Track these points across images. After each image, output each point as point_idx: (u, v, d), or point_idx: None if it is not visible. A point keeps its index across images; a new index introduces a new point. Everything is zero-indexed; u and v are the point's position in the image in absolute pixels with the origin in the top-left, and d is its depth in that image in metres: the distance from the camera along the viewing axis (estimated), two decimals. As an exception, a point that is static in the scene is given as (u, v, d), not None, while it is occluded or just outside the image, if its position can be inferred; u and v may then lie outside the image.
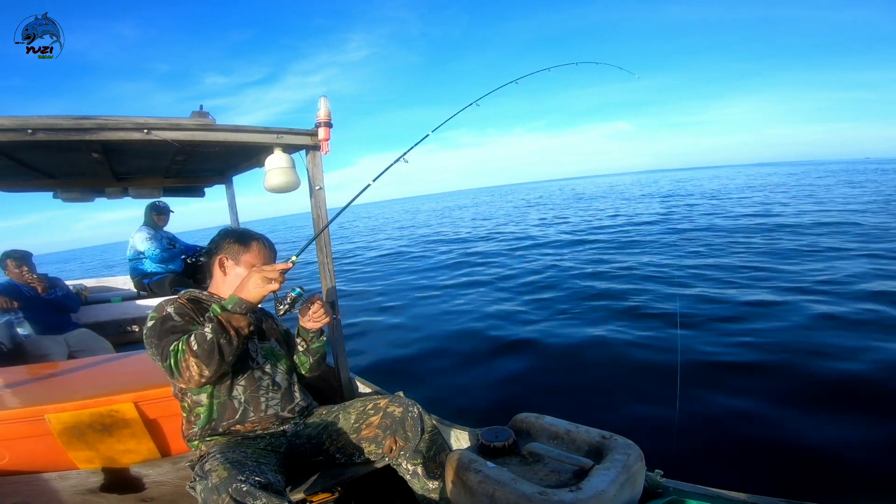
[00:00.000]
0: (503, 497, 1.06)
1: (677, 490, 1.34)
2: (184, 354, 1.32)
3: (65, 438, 1.82)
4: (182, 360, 1.32)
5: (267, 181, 2.17)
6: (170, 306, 1.52)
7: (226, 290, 1.64)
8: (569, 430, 1.26)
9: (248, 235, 1.69)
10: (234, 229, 1.74)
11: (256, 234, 1.72)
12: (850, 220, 9.82)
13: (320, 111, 2.08)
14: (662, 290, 5.72)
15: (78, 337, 3.53)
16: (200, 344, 1.32)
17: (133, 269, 4.34)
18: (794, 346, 3.67)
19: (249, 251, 1.65)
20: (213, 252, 1.68)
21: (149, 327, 1.46)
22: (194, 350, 1.31)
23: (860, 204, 13.00)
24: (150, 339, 1.43)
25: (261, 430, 1.58)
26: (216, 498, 1.17)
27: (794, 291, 5.11)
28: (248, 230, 1.73)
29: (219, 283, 1.68)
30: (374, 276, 9.36)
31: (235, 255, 1.65)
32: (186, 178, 3.70)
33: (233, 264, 1.65)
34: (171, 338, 1.38)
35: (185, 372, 1.32)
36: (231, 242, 1.66)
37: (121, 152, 2.53)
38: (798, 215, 11.41)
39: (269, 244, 1.72)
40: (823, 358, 3.38)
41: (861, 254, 6.66)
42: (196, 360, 1.31)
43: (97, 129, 1.78)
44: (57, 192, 3.38)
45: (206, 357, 1.31)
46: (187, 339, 1.34)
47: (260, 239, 1.69)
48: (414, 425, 1.61)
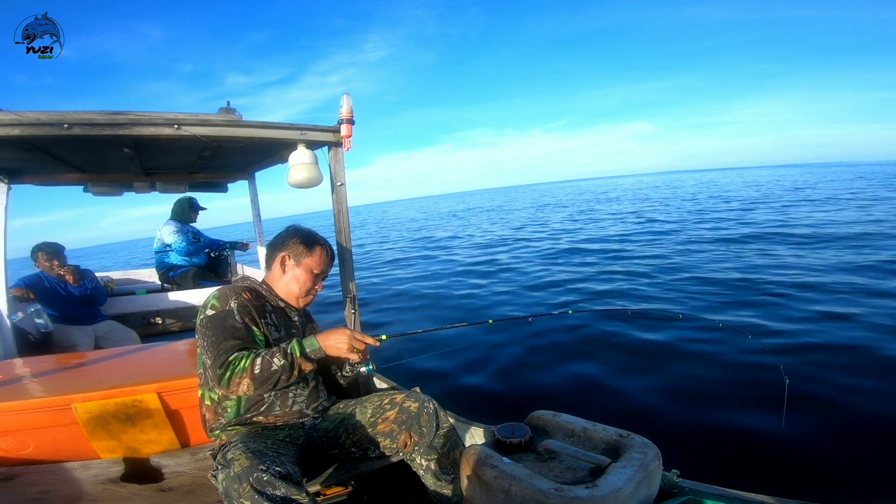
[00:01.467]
0: (519, 492, 1.05)
1: (693, 490, 1.32)
2: (242, 373, 1.36)
3: (89, 428, 1.85)
4: (237, 377, 1.35)
5: (291, 176, 2.20)
6: (233, 300, 1.55)
7: (281, 286, 1.70)
8: (585, 427, 1.25)
9: (314, 240, 1.72)
10: (302, 229, 1.76)
11: (321, 239, 1.75)
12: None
13: (343, 108, 2.11)
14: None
15: (105, 328, 3.63)
16: (263, 371, 1.36)
17: (159, 261, 4.46)
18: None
19: (312, 255, 1.69)
20: (277, 247, 1.72)
21: (208, 316, 1.49)
22: (255, 374, 1.36)
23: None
24: (206, 332, 1.46)
25: (282, 422, 1.60)
26: (237, 486, 1.20)
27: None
28: (315, 234, 1.76)
29: (276, 278, 1.72)
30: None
31: (298, 256, 1.69)
32: (211, 173, 3.78)
33: (293, 264, 1.69)
34: (231, 343, 1.41)
35: (234, 386, 1.36)
36: (297, 243, 1.70)
37: (150, 147, 2.60)
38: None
39: (331, 252, 1.76)
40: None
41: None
42: (251, 381, 1.36)
43: (130, 124, 1.84)
44: (87, 185, 3.47)
45: (261, 383, 1.37)
46: (252, 361, 1.37)
47: (324, 245, 1.73)
48: (429, 421, 1.62)
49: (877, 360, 3.35)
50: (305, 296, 1.72)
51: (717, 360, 3.60)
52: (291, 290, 1.70)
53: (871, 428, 2.56)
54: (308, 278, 1.70)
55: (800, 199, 17.21)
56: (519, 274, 7.99)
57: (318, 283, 1.75)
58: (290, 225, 1.79)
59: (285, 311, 1.72)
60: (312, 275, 1.70)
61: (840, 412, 2.71)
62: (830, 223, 10.38)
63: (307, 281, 1.70)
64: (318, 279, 1.74)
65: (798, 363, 3.31)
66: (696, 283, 6.01)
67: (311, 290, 1.72)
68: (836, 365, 3.32)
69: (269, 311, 1.64)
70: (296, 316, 1.75)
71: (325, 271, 1.74)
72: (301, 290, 1.70)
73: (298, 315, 1.76)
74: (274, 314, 1.66)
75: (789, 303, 4.79)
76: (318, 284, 1.74)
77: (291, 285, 1.70)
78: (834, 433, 2.51)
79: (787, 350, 3.59)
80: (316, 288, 1.74)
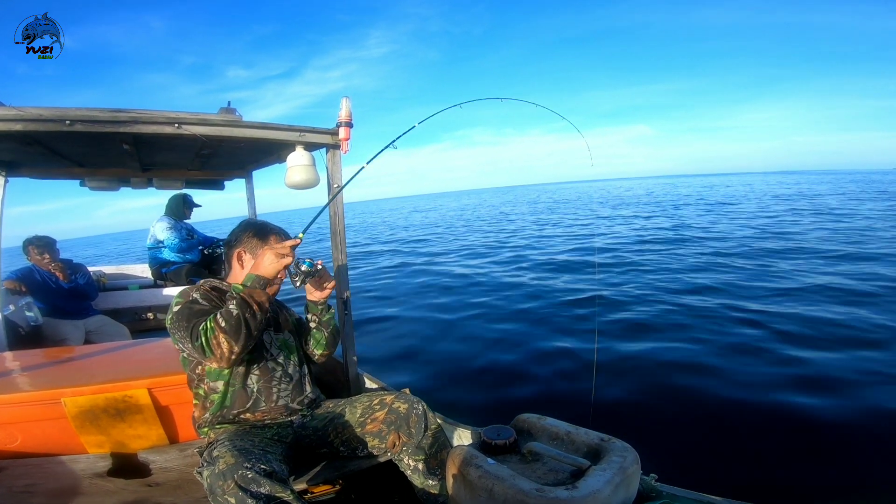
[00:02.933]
0: (501, 492, 1.09)
1: (670, 494, 1.36)
2: (213, 332, 1.37)
3: (78, 422, 1.85)
4: (213, 338, 1.37)
5: (288, 178, 2.23)
6: (195, 292, 1.58)
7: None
8: (569, 431, 1.28)
9: (267, 230, 1.74)
10: (253, 223, 1.79)
11: (274, 227, 1.77)
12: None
13: (342, 111, 2.14)
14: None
15: (96, 323, 3.63)
16: (227, 320, 1.38)
17: (152, 257, 4.45)
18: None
19: (267, 245, 1.69)
20: (232, 244, 1.74)
21: (175, 311, 1.50)
22: (223, 326, 1.37)
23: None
24: (177, 323, 1.47)
25: (270, 419, 1.62)
26: (222, 483, 1.21)
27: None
28: (267, 224, 1.78)
29: (237, 275, 1.73)
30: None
31: (253, 249, 1.71)
32: (209, 171, 3.80)
33: (250, 258, 1.70)
34: (200, 319, 1.43)
35: (217, 349, 1.37)
36: (250, 237, 1.72)
37: (150, 144, 2.62)
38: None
39: (286, 237, 1.76)
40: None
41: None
42: (225, 335, 1.37)
43: (131, 121, 1.87)
44: (84, 180, 3.48)
45: (235, 332, 1.37)
46: (214, 317, 1.39)
47: (278, 233, 1.75)
48: (418, 422, 1.64)
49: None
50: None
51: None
52: None
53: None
54: None
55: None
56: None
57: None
58: (241, 221, 1.81)
59: None
60: None
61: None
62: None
63: None
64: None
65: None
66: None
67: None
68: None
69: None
70: None
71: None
72: None
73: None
74: None
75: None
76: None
77: None
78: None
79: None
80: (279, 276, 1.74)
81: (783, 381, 3.30)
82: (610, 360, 3.87)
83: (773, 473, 2.36)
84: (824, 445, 2.56)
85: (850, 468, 2.37)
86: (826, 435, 2.64)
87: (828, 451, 2.52)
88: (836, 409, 2.86)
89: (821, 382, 3.24)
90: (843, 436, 2.62)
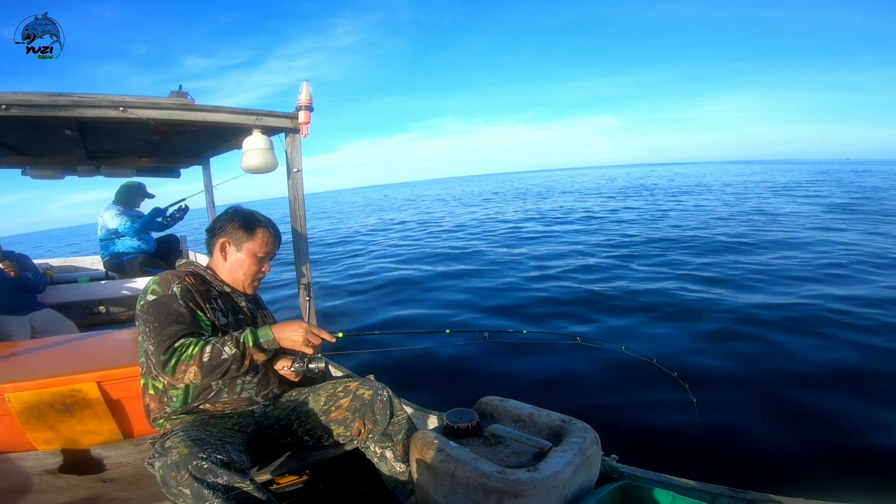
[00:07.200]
0: (463, 475, 1.09)
1: (631, 475, 1.40)
2: (189, 360, 1.31)
3: (24, 418, 1.77)
4: (183, 364, 1.31)
5: (244, 161, 2.16)
6: (175, 284, 1.48)
7: (225, 272, 1.65)
8: (531, 413, 1.30)
9: (255, 222, 1.65)
10: (241, 212, 1.68)
11: (263, 219, 1.68)
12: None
13: (301, 95, 2.08)
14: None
15: (42, 317, 3.43)
16: (212, 359, 1.32)
17: (104, 248, 4.25)
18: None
19: (254, 239, 1.63)
20: (216, 233, 1.64)
21: (149, 302, 1.43)
22: (203, 362, 1.31)
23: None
24: (147, 318, 1.40)
25: (230, 409, 1.57)
26: (175, 475, 1.17)
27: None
28: (255, 215, 1.68)
29: (219, 264, 1.66)
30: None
31: (238, 241, 1.62)
32: (162, 158, 3.65)
33: (234, 250, 1.63)
34: (175, 329, 1.36)
35: (180, 374, 1.32)
36: (236, 227, 1.63)
37: (95, 130, 2.49)
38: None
39: (275, 232, 1.69)
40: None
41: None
42: (198, 369, 1.32)
43: (72, 105, 1.77)
44: (26, 168, 3.29)
45: (209, 372, 1.33)
46: (201, 349, 1.33)
47: (266, 226, 1.66)
48: (383, 408, 1.63)
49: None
50: (252, 280, 1.68)
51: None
52: (237, 277, 1.65)
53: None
54: (252, 262, 1.64)
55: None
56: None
57: (265, 265, 1.70)
58: (229, 207, 1.71)
59: (231, 297, 1.67)
60: (257, 258, 1.65)
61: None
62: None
63: (251, 265, 1.64)
64: (264, 261, 1.69)
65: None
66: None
67: (256, 273, 1.67)
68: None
69: (214, 297, 1.59)
70: (243, 301, 1.70)
71: (270, 252, 1.69)
72: (247, 276, 1.65)
73: (246, 301, 1.71)
74: (220, 299, 1.61)
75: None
76: (264, 266, 1.69)
77: (236, 271, 1.64)
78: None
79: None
80: (263, 270, 1.69)
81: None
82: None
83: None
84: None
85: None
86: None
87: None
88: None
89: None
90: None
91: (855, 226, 9.43)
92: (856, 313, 4.26)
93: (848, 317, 4.19)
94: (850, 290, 4.99)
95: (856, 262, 6.23)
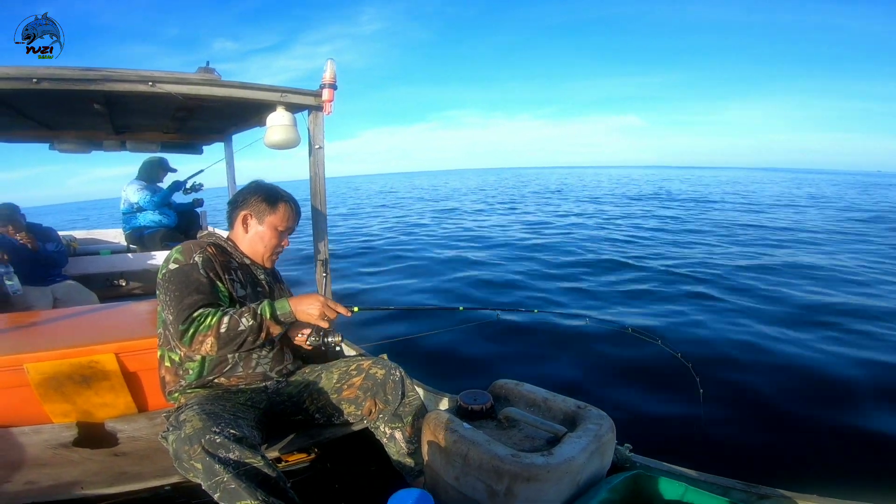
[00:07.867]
0: (476, 457, 1.08)
1: (644, 465, 1.37)
2: (207, 330, 1.32)
3: (42, 390, 1.77)
4: (201, 334, 1.31)
5: (267, 137, 2.16)
6: (197, 254, 1.49)
7: (245, 245, 1.66)
8: (546, 398, 1.28)
9: (277, 196, 1.66)
10: (264, 185, 1.69)
11: (285, 194, 1.68)
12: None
13: (326, 72, 2.07)
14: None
15: (64, 289, 3.49)
16: (229, 331, 1.33)
17: (126, 222, 4.32)
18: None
19: (275, 213, 1.63)
20: (238, 205, 1.65)
21: (171, 270, 1.44)
22: (220, 333, 1.32)
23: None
24: (168, 286, 1.41)
25: (244, 384, 1.58)
26: (188, 448, 1.18)
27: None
28: (278, 189, 1.69)
29: (239, 236, 1.66)
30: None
31: (260, 214, 1.63)
32: (186, 134, 3.67)
33: (256, 223, 1.64)
34: (195, 298, 1.37)
35: (197, 344, 1.32)
36: (259, 200, 1.63)
37: (123, 105, 2.51)
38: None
39: (296, 207, 1.70)
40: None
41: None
42: (215, 340, 1.32)
43: (102, 79, 1.77)
44: (54, 142, 3.33)
45: (226, 343, 1.33)
46: (219, 319, 1.33)
47: (288, 201, 1.67)
48: (395, 388, 1.62)
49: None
50: (272, 254, 1.69)
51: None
52: (257, 249, 1.66)
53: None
54: (273, 236, 1.65)
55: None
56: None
57: (285, 240, 1.70)
58: (252, 181, 1.72)
59: (251, 269, 1.68)
60: (277, 232, 1.65)
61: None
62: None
63: (272, 238, 1.65)
64: (284, 235, 1.69)
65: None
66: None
67: (276, 247, 1.68)
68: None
69: (234, 268, 1.60)
70: (262, 274, 1.71)
71: (290, 227, 1.69)
72: (267, 249, 1.66)
73: (265, 273, 1.72)
74: (239, 271, 1.62)
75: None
76: (284, 240, 1.70)
77: (256, 244, 1.65)
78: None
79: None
80: (283, 244, 1.70)
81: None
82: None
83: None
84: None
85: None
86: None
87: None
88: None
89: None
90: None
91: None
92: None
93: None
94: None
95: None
